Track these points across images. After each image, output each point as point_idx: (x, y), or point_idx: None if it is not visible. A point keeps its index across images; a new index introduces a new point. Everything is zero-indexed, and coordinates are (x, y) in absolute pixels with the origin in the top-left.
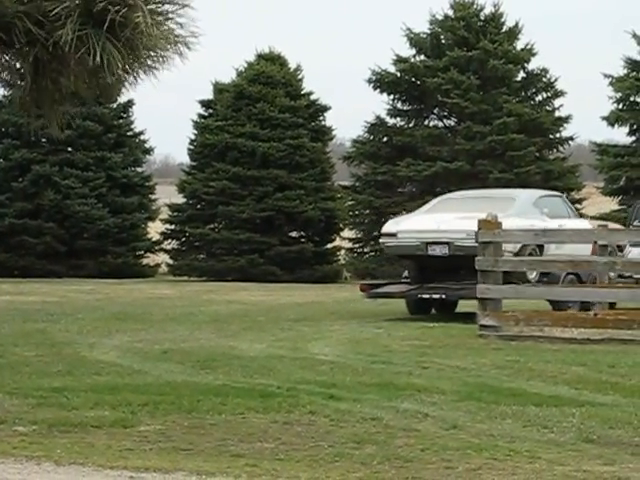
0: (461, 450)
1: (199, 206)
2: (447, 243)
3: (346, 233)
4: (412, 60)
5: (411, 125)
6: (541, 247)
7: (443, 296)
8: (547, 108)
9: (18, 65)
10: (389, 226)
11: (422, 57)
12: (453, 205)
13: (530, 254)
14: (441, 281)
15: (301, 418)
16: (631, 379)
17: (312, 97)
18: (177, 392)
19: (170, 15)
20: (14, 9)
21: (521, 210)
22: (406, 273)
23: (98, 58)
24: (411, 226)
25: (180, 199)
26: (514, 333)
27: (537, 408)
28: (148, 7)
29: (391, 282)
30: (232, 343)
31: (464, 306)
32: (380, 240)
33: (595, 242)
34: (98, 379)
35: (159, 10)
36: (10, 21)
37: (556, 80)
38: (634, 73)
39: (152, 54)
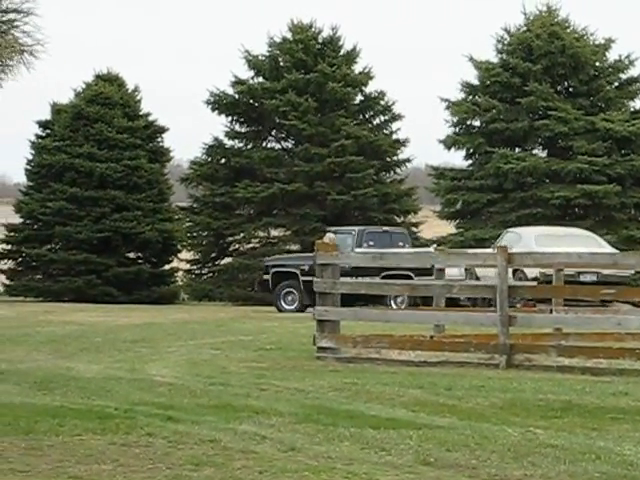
0: (299, 472)
1: (36, 226)
2: (596, 272)
3: (184, 254)
4: (250, 82)
5: (249, 147)
6: None
7: None
8: (385, 131)
9: None
10: None
11: (260, 79)
12: (560, 242)
13: None
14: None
15: (139, 440)
16: (467, 402)
17: (150, 118)
18: (14, 413)
19: (15, 23)
20: None
21: (603, 244)
22: None
23: None
24: None
25: (17, 219)
26: (352, 355)
27: (375, 431)
28: None
29: None
30: (69, 364)
31: None
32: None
33: None
34: None
35: (4, 19)
36: None
37: (394, 104)
38: (471, 97)
39: None
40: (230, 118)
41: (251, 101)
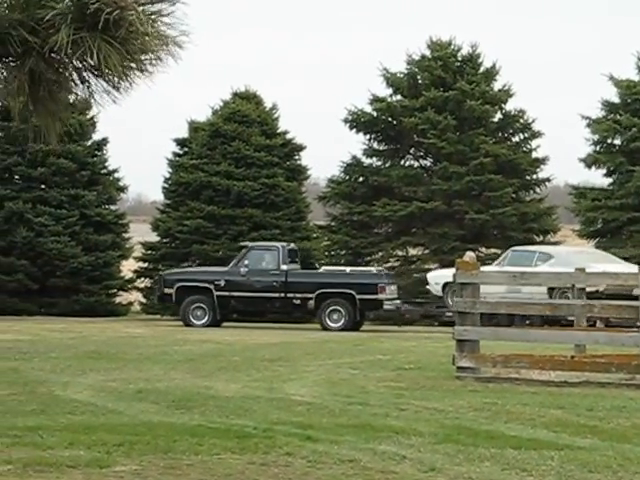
0: None
1: (173, 245)
2: None
3: None
4: (389, 100)
5: (387, 165)
6: None
7: None
8: (524, 149)
9: (14, 76)
10: None
11: (399, 97)
12: (591, 259)
13: None
14: None
15: (278, 459)
16: (609, 422)
17: (288, 136)
18: (153, 432)
19: (162, 14)
20: (9, 18)
21: (619, 260)
22: None
23: (95, 59)
24: None
25: (154, 237)
26: (491, 375)
27: (515, 451)
28: (140, 7)
29: None
30: (207, 383)
31: None
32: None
33: None
34: (73, 418)
35: (151, 10)
36: (5, 31)
37: (533, 121)
38: (612, 115)
39: (147, 56)
40: (368, 136)
41: (389, 119)
